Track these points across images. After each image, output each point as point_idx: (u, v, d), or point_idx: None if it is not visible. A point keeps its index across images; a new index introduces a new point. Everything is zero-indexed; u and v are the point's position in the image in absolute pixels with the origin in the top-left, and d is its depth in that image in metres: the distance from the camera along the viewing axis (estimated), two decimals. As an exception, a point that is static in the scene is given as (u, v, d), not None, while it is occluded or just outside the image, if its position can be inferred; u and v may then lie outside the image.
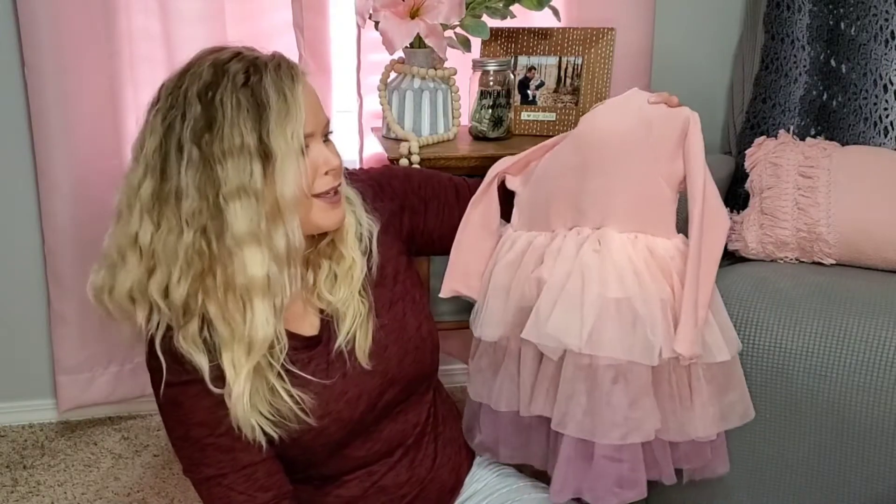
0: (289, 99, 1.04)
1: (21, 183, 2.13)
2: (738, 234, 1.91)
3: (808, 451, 1.57)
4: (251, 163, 1.03)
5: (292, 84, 1.05)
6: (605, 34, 1.93)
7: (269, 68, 1.05)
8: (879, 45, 1.91)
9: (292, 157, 1.04)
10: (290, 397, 1.11)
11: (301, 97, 1.06)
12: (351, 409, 1.18)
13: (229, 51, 1.08)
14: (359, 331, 1.18)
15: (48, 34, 1.95)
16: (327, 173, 1.10)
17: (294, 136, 1.04)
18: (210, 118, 1.04)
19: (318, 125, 1.10)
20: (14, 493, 1.98)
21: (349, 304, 1.18)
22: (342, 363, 1.18)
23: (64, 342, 2.16)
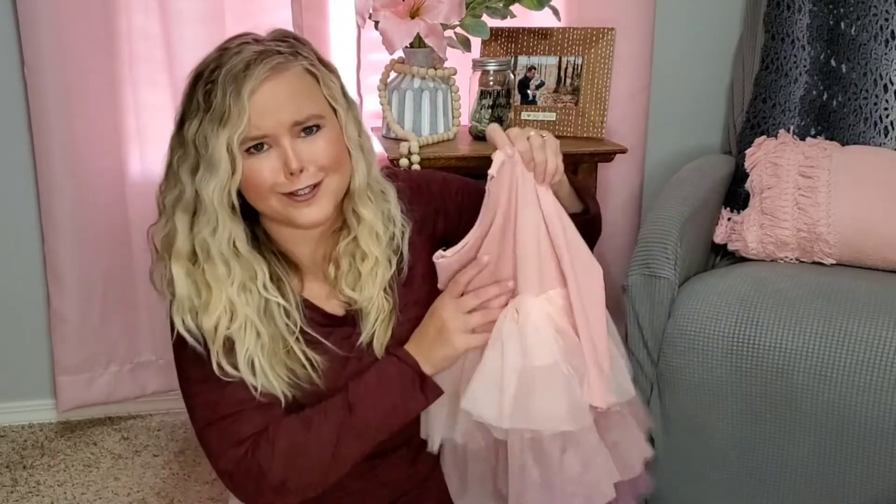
0: (228, 102, 1.05)
1: (21, 183, 2.13)
2: (738, 234, 1.90)
3: (808, 451, 1.56)
4: (200, 159, 1.08)
5: (239, 87, 1.05)
6: (605, 34, 1.93)
7: (226, 67, 1.07)
8: (879, 45, 1.91)
9: (222, 160, 1.06)
10: (305, 358, 1.15)
11: (245, 100, 1.05)
12: None
13: (242, 38, 1.12)
14: (380, 327, 1.20)
15: (48, 34, 1.95)
16: (291, 174, 1.09)
17: (230, 142, 1.06)
18: (186, 107, 1.10)
19: (276, 127, 1.08)
20: (14, 493, 1.98)
21: (373, 303, 1.19)
22: (359, 350, 1.20)
23: (64, 342, 2.16)
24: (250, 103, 1.06)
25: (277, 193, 1.10)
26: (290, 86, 1.09)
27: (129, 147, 2.12)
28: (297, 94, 1.10)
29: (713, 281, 1.70)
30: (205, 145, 1.07)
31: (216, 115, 1.06)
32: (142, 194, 2.15)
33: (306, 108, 1.10)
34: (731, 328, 1.58)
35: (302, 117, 1.09)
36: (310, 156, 1.10)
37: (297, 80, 1.10)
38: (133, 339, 2.23)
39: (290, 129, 1.09)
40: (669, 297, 1.65)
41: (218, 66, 1.08)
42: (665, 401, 1.66)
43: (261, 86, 1.06)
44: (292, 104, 1.09)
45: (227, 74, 1.06)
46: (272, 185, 1.09)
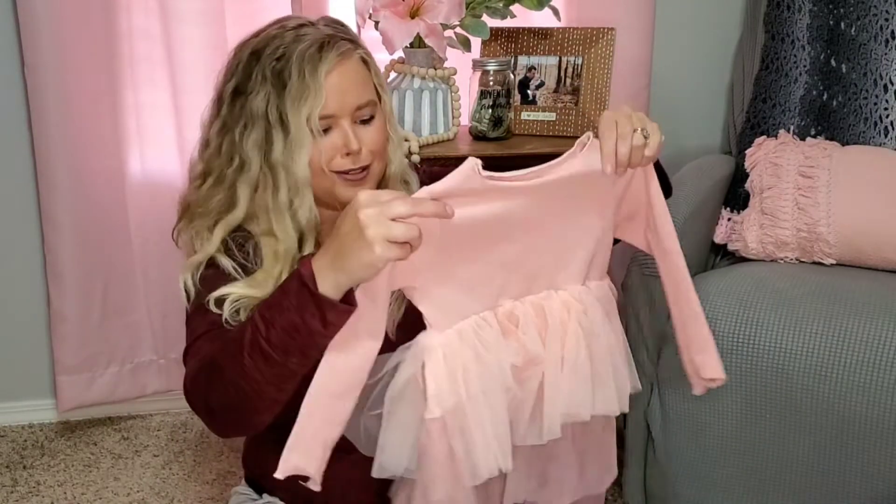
0: (307, 81, 1.10)
1: (21, 183, 2.13)
2: (738, 234, 1.90)
3: (808, 451, 1.56)
4: (271, 132, 1.12)
5: (315, 67, 1.11)
6: (605, 34, 1.93)
7: (300, 48, 1.11)
8: (879, 45, 1.91)
9: (305, 136, 1.11)
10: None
11: (322, 80, 1.11)
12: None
13: (295, 21, 1.16)
14: (394, 303, 1.20)
15: (48, 34, 1.95)
16: (348, 155, 1.15)
17: (309, 118, 1.11)
18: (244, 86, 1.14)
19: (343, 108, 1.14)
20: (14, 493, 1.98)
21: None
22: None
23: (64, 342, 2.16)
24: (325, 84, 1.11)
25: (331, 172, 1.15)
26: (353, 72, 1.16)
27: (129, 147, 2.12)
28: (359, 81, 1.16)
29: (713, 281, 1.70)
30: (279, 121, 1.11)
31: (294, 92, 1.10)
32: (142, 194, 2.15)
33: (366, 94, 1.17)
34: (731, 328, 1.58)
35: (363, 101, 1.16)
36: (364, 139, 1.16)
37: (358, 66, 1.17)
38: (133, 339, 2.23)
39: (352, 113, 1.15)
40: (669, 297, 1.65)
41: (281, 44, 1.12)
42: (665, 401, 1.66)
43: (333, 69, 1.12)
44: (356, 89, 1.16)
45: (301, 55, 1.11)
46: (328, 163, 1.15)
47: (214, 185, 1.17)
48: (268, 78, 1.12)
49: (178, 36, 2.02)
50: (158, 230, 2.15)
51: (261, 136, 1.13)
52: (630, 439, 1.75)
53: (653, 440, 1.70)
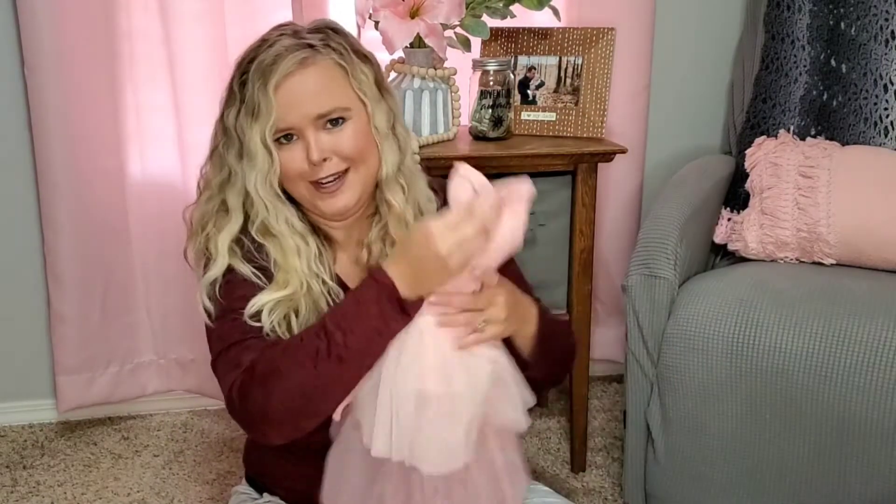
0: (258, 96, 1.10)
1: (21, 183, 2.13)
2: (738, 234, 1.90)
3: (808, 452, 1.56)
4: (239, 146, 1.13)
5: (266, 80, 1.09)
6: (605, 34, 1.93)
7: (258, 59, 1.11)
8: (879, 45, 1.91)
9: (258, 154, 1.11)
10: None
11: (271, 94, 1.09)
12: None
13: (282, 29, 1.17)
14: None
15: (48, 34, 1.95)
16: (314, 164, 1.13)
17: (263, 136, 1.11)
18: (225, 96, 1.16)
19: (301, 119, 1.12)
20: (14, 493, 1.98)
21: None
22: None
23: (64, 342, 2.16)
24: (276, 97, 1.10)
25: (305, 182, 1.14)
26: (316, 79, 1.13)
27: (129, 147, 2.12)
28: (322, 88, 1.13)
29: (713, 281, 1.70)
30: (243, 135, 1.12)
31: (249, 107, 1.11)
32: (142, 194, 2.15)
33: (330, 101, 1.13)
34: (732, 328, 1.58)
35: (325, 110, 1.12)
36: (333, 146, 1.13)
37: (325, 72, 1.13)
38: (133, 339, 2.23)
39: (314, 122, 1.12)
40: (669, 298, 1.65)
41: (254, 57, 1.13)
42: (665, 401, 1.66)
43: (286, 80, 1.10)
44: (317, 97, 1.12)
45: (257, 67, 1.11)
46: (299, 173, 1.13)
47: (210, 198, 1.18)
48: (235, 92, 1.13)
49: (178, 36, 2.02)
50: (158, 230, 2.15)
51: (237, 150, 1.14)
52: (630, 439, 1.75)
53: (653, 440, 1.70)
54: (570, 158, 1.83)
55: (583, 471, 2.03)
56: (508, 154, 1.80)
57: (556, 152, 1.82)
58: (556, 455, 2.11)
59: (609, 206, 2.26)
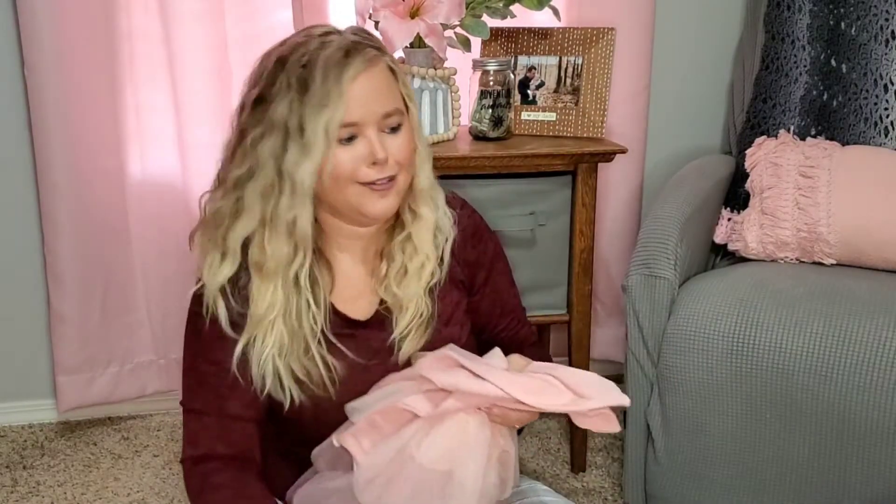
0: (330, 86, 1.07)
1: (21, 183, 2.13)
2: (738, 234, 1.91)
3: (808, 452, 1.56)
4: (287, 141, 1.09)
5: (340, 72, 1.08)
6: (605, 34, 1.93)
7: (325, 53, 1.09)
8: (879, 45, 1.91)
9: (320, 143, 1.08)
10: (322, 362, 1.16)
11: (345, 86, 1.08)
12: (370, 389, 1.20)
13: (322, 28, 1.14)
14: (414, 331, 1.21)
15: (48, 34, 1.95)
16: (374, 164, 1.12)
17: (327, 125, 1.08)
18: (268, 93, 1.11)
19: (369, 115, 1.11)
20: (14, 493, 1.98)
21: (413, 301, 1.20)
22: (383, 354, 1.21)
23: (64, 342, 2.16)
24: (349, 90, 1.08)
25: (356, 183, 1.12)
26: (380, 79, 1.12)
27: (129, 147, 2.12)
28: (385, 89, 1.13)
29: (713, 281, 1.70)
30: (298, 127, 1.08)
31: (314, 98, 1.08)
32: (142, 194, 2.15)
33: (392, 102, 1.13)
34: (732, 328, 1.58)
35: (390, 109, 1.13)
36: (392, 150, 1.13)
37: (385, 74, 1.13)
38: (133, 339, 2.23)
39: (378, 122, 1.12)
40: (669, 298, 1.66)
41: (306, 52, 1.10)
42: (665, 401, 1.66)
43: (359, 75, 1.09)
44: (382, 97, 1.12)
45: (326, 61, 1.08)
46: (353, 173, 1.11)
47: (226, 194, 1.14)
48: (292, 85, 1.09)
49: (178, 36, 2.02)
50: (158, 230, 2.16)
51: (277, 144, 1.10)
52: (630, 439, 1.75)
53: (653, 440, 1.70)
54: (570, 158, 1.83)
55: (583, 471, 2.03)
56: (508, 154, 1.80)
57: (556, 152, 1.82)
58: (556, 455, 2.11)
59: (609, 206, 2.26)
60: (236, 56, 2.08)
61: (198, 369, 1.17)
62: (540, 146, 1.85)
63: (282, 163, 1.10)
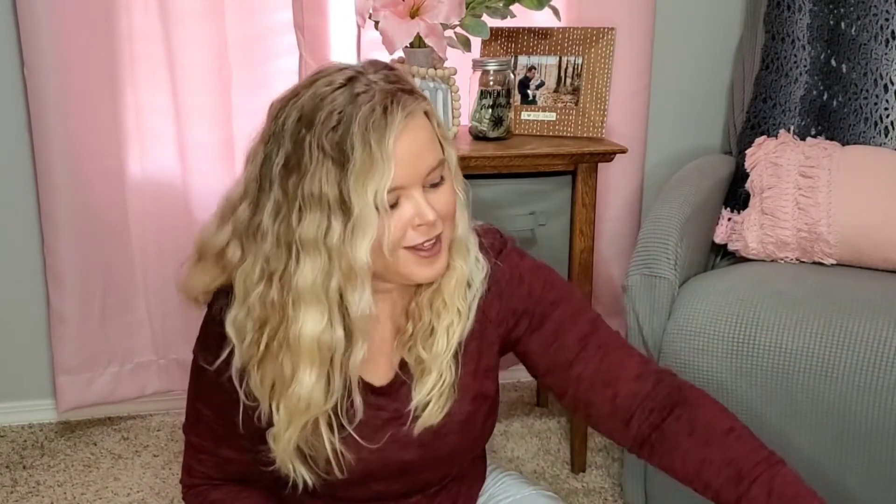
0: (374, 153, 0.94)
1: (21, 183, 2.13)
2: (738, 234, 1.91)
3: (808, 451, 1.56)
4: (330, 216, 0.96)
5: (382, 136, 0.94)
6: (605, 34, 1.93)
7: (361, 112, 0.94)
8: (880, 45, 1.91)
9: (371, 216, 0.95)
10: (331, 447, 1.07)
11: (391, 150, 0.94)
12: (380, 466, 1.13)
13: (343, 74, 0.98)
14: (434, 401, 1.09)
15: (48, 34, 1.95)
16: (419, 226, 1.00)
17: (377, 195, 0.95)
18: (297, 160, 0.96)
19: (414, 176, 0.98)
20: (14, 493, 1.98)
21: (437, 363, 1.09)
22: (398, 423, 1.12)
23: (64, 342, 2.16)
24: (395, 153, 0.95)
25: (404, 249, 1.00)
26: (422, 131, 0.99)
27: (129, 147, 2.12)
28: (428, 141, 1.00)
29: (713, 281, 1.70)
30: (340, 201, 0.95)
31: (359, 167, 0.94)
32: (142, 194, 2.14)
33: (435, 154, 1.01)
34: (732, 328, 1.58)
35: (434, 163, 1.00)
36: (438, 207, 1.01)
37: (425, 123, 1.00)
38: (133, 339, 2.23)
39: (423, 179, 0.99)
40: (669, 298, 1.65)
41: (333, 109, 0.95)
42: (665, 401, 1.66)
43: (403, 133, 0.96)
44: (427, 152, 0.99)
45: (364, 121, 0.94)
46: (401, 240, 0.99)
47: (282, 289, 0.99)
48: (327, 152, 0.94)
49: (178, 36, 2.02)
50: (158, 230, 2.15)
51: (322, 222, 0.96)
52: (630, 439, 1.75)
53: (653, 440, 1.70)
54: (570, 158, 1.83)
55: (583, 471, 2.03)
56: (508, 154, 1.80)
57: (556, 152, 1.82)
58: (556, 455, 2.10)
59: (609, 206, 2.26)
60: (236, 56, 2.08)
61: (196, 407, 1.15)
62: (540, 146, 1.85)
63: (326, 240, 0.96)
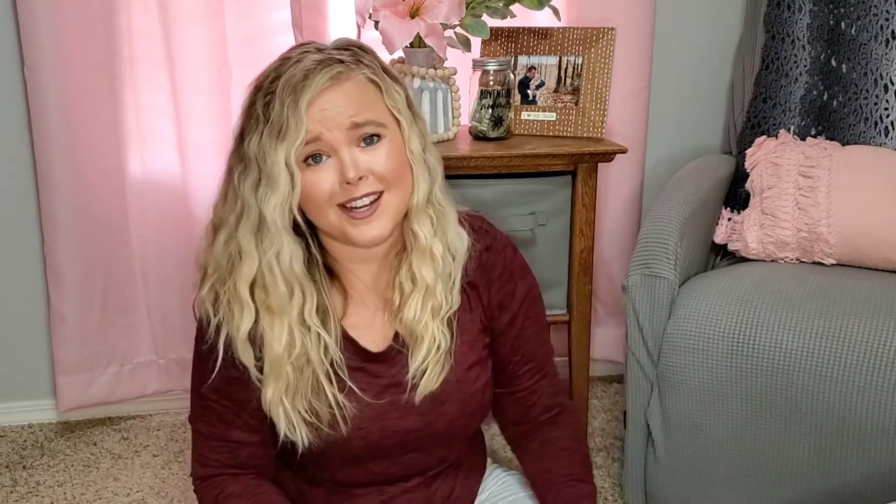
0: (287, 113, 1.02)
1: (21, 183, 2.13)
2: (738, 234, 1.91)
3: (808, 452, 1.56)
4: (260, 174, 1.04)
5: (297, 97, 1.02)
6: (605, 34, 1.93)
7: (285, 77, 1.03)
8: (880, 45, 1.91)
9: (280, 177, 1.03)
10: (334, 400, 1.11)
11: (303, 111, 1.01)
12: (381, 436, 1.15)
13: (303, 47, 1.08)
14: (431, 367, 1.14)
15: (48, 34, 1.95)
16: (348, 183, 1.04)
17: (287, 153, 1.02)
18: (245, 123, 1.07)
19: (336, 130, 1.04)
20: (14, 493, 1.98)
21: (427, 329, 1.13)
22: (398, 389, 1.15)
23: (64, 342, 2.16)
24: (308, 113, 1.02)
25: (336, 207, 1.06)
26: (350, 94, 1.05)
27: (129, 147, 2.12)
28: (357, 102, 1.05)
29: (713, 281, 1.70)
30: (264, 160, 1.03)
31: (274, 128, 1.02)
32: (142, 194, 2.15)
33: (367, 114, 1.06)
34: (731, 328, 1.58)
35: (360, 120, 1.05)
36: (368, 165, 1.05)
37: (359, 88, 1.06)
38: (133, 339, 2.23)
39: (347, 135, 1.04)
40: (669, 297, 1.65)
41: (277, 76, 1.04)
42: (665, 401, 1.66)
43: (319, 96, 1.03)
44: (351, 109, 1.05)
45: (285, 85, 1.02)
46: (329, 196, 1.05)
47: (229, 240, 1.08)
48: (259, 116, 1.04)
49: (178, 36, 2.02)
50: (158, 230, 2.16)
51: (254, 180, 1.05)
52: (630, 439, 1.75)
53: (653, 440, 1.70)
54: (570, 158, 1.83)
55: (583, 471, 2.03)
56: (508, 154, 1.80)
57: (556, 152, 1.82)
58: (556, 455, 2.10)
59: (609, 206, 2.26)
60: (236, 56, 2.08)
61: (202, 394, 1.16)
62: (540, 146, 1.85)
63: (258, 197, 1.05)
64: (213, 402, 1.15)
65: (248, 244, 1.07)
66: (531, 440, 1.25)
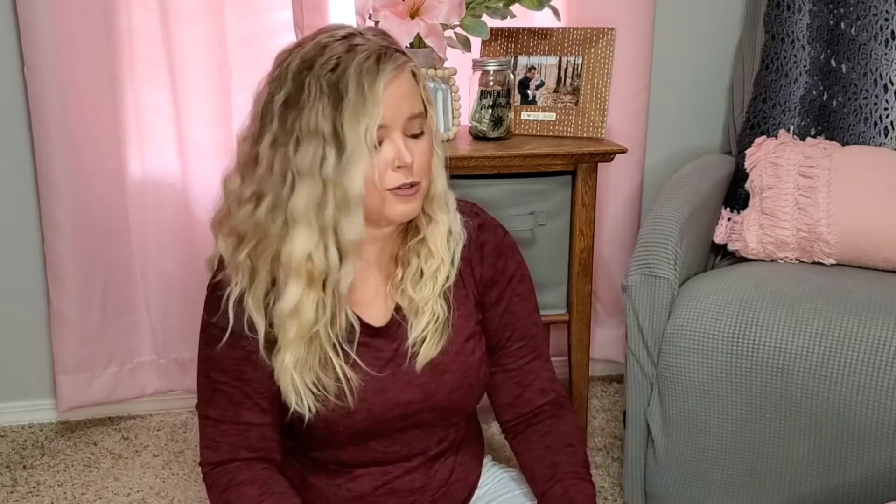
0: (366, 93, 1.06)
1: (21, 183, 2.13)
2: (738, 234, 1.91)
3: (808, 451, 1.56)
4: (325, 149, 1.06)
5: (374, 79, 1.06)
6: (605, 34, 1.93)
7: (357, 58, 1.07)
8: (879, 45, 1.91)
9: (362, 151, 1.07)
10: (341, 372, 1.15)
11: (380, 93, 1.06)
12: (384, 408, 1.19)
13: (344, 30, 1.11)
14: (430, 336, 1.20)
15: (48, 34, 1.95)
16: (399, 168, 1.10)
17: (366, 131, 1.06)
18: (296, 97, 1.07)
19: (398, 118, 1.10)
20: (14, 493, 1.98)
21: (429, 303, 1.20)
22: (398, 361, 1.20)
23: (64, 342, 2.16)
24: (383, 97, 1.07)
25: (381, 188, 1.11)
26: (407, 85, 1.11)
27: (129, 147, 2.12)
28: (411, 93, 1.12)
29: (713, 281, 1.70)
30: (334, 135, 1.06)
31: (353, 105, 1.05)
32: (142, 194, 2.15)
33: (417, 105, 1.12)
34: (731, 328, 1.58)
35: (416, 111, 1.12)
36: (416, 154, 1.12)
37: (409, 80, 1.12)
38: (133, 339, 2.23)
39: (403, 125, 1.11)
40: (669, 297, 1.66)
41: (333, 55, 1.07)
42: (665, 401, 1.66)
43: (392, 80, 1.08)
44: (409, 101, 1.11)
45: (359, 66, 1.06)
46: (380, 179, 1.10)
47: (272, 210, 1.09)
48: (323, 90, 1.06)
49: (178, 36, 2.02)
50: (158, 230, 2.15)
51: (317, 153, 1.07)
52: (630, 439, 1.75)
53: (653, 440, 1.70)
54: (570, 158, 1.83)
55: (583, 471, 2.03)
56: (508, 154, 1.81)
57: (556, 152, 1.82)
58: (556, 455, 2.10)
59: (609, 206, 2.26)
60: (236, 56, 2.08)
61: (211, 377, 1.18)
62: (540, 146, 1.85)
63: (321, 171, 1.07)
64: (222, 384, 1.17)
65: (306, 216, 1.08)
66: (532, 430, 1.27)
